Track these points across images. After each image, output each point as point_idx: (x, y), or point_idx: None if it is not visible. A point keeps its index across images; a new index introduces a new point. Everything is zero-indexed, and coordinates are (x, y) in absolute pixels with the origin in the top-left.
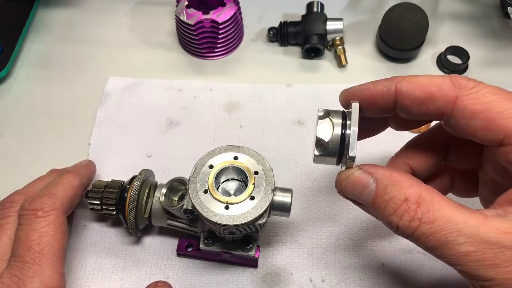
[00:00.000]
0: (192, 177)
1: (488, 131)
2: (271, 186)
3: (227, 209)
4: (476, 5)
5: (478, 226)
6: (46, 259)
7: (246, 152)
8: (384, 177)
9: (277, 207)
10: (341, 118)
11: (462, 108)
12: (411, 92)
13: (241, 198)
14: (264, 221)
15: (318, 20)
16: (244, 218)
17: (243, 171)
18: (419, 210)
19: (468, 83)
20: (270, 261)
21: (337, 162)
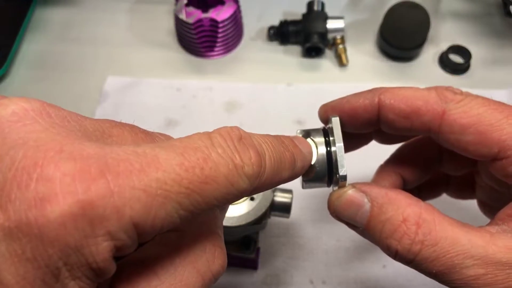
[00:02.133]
0: None
1: (480, 145)
2: None
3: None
4: (478, 4)
5: (485, 245)
6: None
7: None
8: (379, 196)
9: (278, 208)
10: (322, 136)
11: (451, 123)
12: (395, 105)
13: (241, 199)
14: (264, 222)
15: (319, 18)
16: (243, 219)
17: None
18: (420, 232)
19: (455, 96)
20: (270, 263)
21: (327, 183)
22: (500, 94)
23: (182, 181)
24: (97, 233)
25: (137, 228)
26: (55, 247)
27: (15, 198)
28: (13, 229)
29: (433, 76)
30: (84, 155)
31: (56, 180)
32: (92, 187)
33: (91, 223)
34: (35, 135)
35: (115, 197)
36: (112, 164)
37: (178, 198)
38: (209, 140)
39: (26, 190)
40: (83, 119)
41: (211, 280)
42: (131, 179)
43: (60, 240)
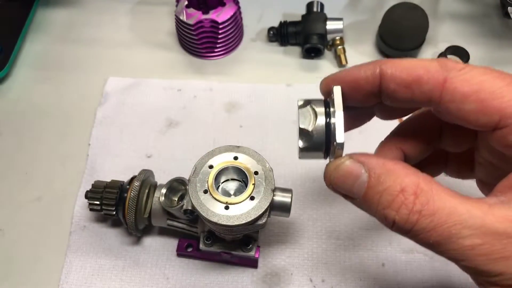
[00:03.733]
0: (192, 177)
1: (481, 114)
2: (271, 186)
3: (227, 209)
4: (476, 5)
5: (483, 216)
6: None
7: (246, 152)
8: (377, 166)
9: (277, 207)
10: (323, 106)
11: (452, 91)
12: (396, 75)
13: (241, 198)
14: (264, 221)
15: (318, 20)
16: (244, 218)
17: (243, 171)
18: (418, 202)
19: (456, 65)
20: (270, 261)
21: (324, 154)
22: None
23: None
24: None
25: None
26: None
27: None
28: None
29: None
30: None
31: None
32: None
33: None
34: None
35: None
36: None
37: None
38: None
39: None
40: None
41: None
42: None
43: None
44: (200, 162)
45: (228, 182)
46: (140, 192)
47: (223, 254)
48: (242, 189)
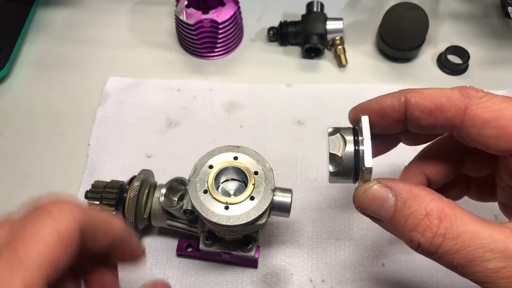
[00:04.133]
0: (192, 177)
1: (501, 139)
2: (271, 186)
3: (227, 209)
4: (476, 5)
5: (505, 240)
6: None
7: (246, 152)
8: (403, 191)
9: (277, 207)
10: (352, 134)
11: (473, 117)
12: (420, 103)
13: (241, 198)
14: (264, 222)
15: (318, 19)
16: (244, 218)
17: (243, 171)
18: (442, 225)
19: (477, 93)
20: (270, 262)
21: (353, 179)
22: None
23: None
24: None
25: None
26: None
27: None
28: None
29: (432, 77)
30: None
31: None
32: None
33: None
34: None
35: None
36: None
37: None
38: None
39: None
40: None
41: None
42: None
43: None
44: (200, 162)
45: (228, 182)
46: (140, 192)
47: (223, 254)
48: (242, 189)
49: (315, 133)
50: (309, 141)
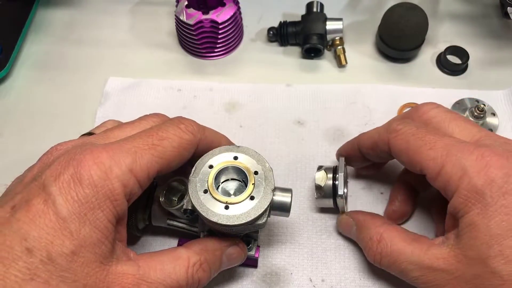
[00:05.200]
0: (192, 177)
1: (411, 165)
2: (271, 186)
3: (227, 209)
4: (476, 5)
5: (420, 255)
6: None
7: (246, 152)
8: (359, 221)
9: (277, 207)
10: (332, 172)
11: (392, 148)
12: (364, 144)
13: (240, 198)
14: (264, 221)
15: (318, 20)
16: (243, 218)
17: (243, 171)
18: (379, 247)
19: (396, 127)
20: (270, 261)
21: (333, 203)
22: (498, 95)
23: (148, 142)
24: (110, 177)
25: (132, 172)
26: (89, 188)
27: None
28: (69, 182)
29: (431, 77)
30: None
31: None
32: (100, 156)
33: (105, 172)
34: None
35: (113, 158)
36: (109, 146)
37: (149, 151)
38: (158, 119)
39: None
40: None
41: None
42: (119, 149)
43: (92, 184)
44: (200, 162)
45: (228, 182)
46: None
47: None
48: (242, 189)
49: (315, 133)
50: (309, 141)
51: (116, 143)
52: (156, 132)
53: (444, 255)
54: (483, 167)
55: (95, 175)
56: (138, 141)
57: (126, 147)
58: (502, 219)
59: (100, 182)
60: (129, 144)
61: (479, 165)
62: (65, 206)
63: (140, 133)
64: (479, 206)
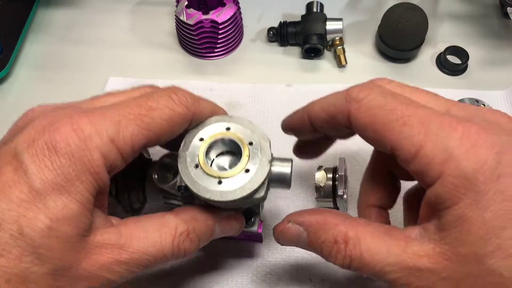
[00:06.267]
0: (182, 152)
1: (377, 142)
2: (267, 157)
3: (220, 184)
4: (475, 5)
5: (399, 253)
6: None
7: (239, 122)
8: (312, 225)
9: (276, 179)
10: (332, 171)
11: (354, 122)
12: (316, 116)
13: (234, 171)
14: (263, 195)
15: (318, 20)
16: (239, 193)
17: (237, 143)
18: (347, 249)
19: (358, 95)
20: (270, 261)
21: (333, 203)
22: (497, 95)
23: (135, 111)
24: (89, 147)
25: (114, 143)
26: (65, 158)
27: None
28: (44, 149)
29: (431, 77)
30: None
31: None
32: (79, 122)
33: (84, 141)
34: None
35: (94, 125)
36: (90, 112)
37: (135, 121)
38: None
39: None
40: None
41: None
42: (101, 116)
43: (68, 153)
44: (190, 134)
45: (221, 156)
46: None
47: None
48: (237, 163)
49: None
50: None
51: (99, 109)
52: (145, 101)
53: (428, 252)
54: (471, 147)
55: (72, 144)
56: (125, 109)
57: (110, 115)
58: (499, 208)
59: (78, 151)
60: (114, 112)
61: (466, 145)
62: (38, 176)
63: (127, 100)
64: (471, 196)
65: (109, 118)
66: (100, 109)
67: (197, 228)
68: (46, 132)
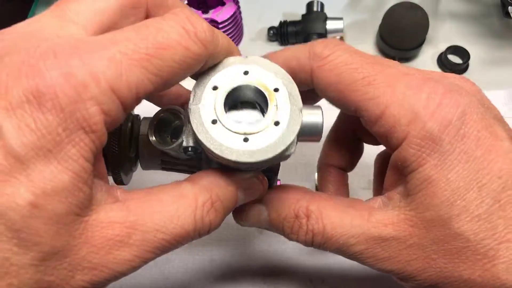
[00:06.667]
0: (193, 105)
1: (341, 102)
2: (298, 105)
3: (247, 142)
4: (476, 5)
5: (362, 224)
6: None
7: (259, 63)
8: (271, 202)
9: (307, 131)
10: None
11: (317, 80)
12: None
13: (263, 125)
14: (293, 150)
15: (318, 19)
16: (271, 151)
17: (260, 91)
18: (309, 223)
19: (322, 52)
20: (270, 262)
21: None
22: (499, 95)
23: (140, 50)
24: (83, 97)
25: (115, 92)
26: (52, 114)
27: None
28: (22, 102)
29: None
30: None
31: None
32: (69, 63)
33: (76, 90)
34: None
35: (88, 67)
36: (81, 47)
37: (141, 63)
38: (161, 17)
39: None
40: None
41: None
42: (97, 54)
43: (56, 107)
44: (200, 83)
45: (238, 109)
46: (122, 127)
47: None
48: (258, 115)
49: None
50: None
51: (92, 43)
52: (154, 34)
53: (392, 220)
54: (436, 107)
55: (61, 93)
56: (127, 45)
57: (107, 53)
58: (463, 168)
59: (69, 104)
60: (113, 48)
61: (432, 105)
62: (17, 138)
63: (129, 29)
64: (436, 157)
65: (108, 57)
66: (94, 43)
67: (220, 195)
68: (24, 77)
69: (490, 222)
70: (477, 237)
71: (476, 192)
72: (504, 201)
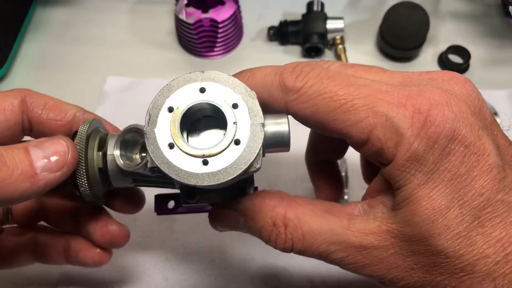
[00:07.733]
0: (148, 129)
1: (323, 131)
2: (258, 120)
3: (207, 165)
4: (477, 4)
5: (343, 232)
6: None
7: (216, 79)
8: (247, 210)
9: (273, 143)
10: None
11: (294, 113)
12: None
13: (223, 145)
14: (259, 166)
15: (319, 19)
16: (232, 172)
17: (218, 108)
18: (288, 232)
19: (294, 85)
20: (270, 263)
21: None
22: (499, 94)
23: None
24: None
25: None
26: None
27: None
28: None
29: None
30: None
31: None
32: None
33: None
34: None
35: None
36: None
37: None
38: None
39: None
40: None
41: None
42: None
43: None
44: (155, 105)
45: (198, 126)
46: (89, 148)
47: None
48: (220, 134)
49: None
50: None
51: None
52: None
53: (373, 230)
54: (421, 126)
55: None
56: None
57: None
58: (446, 186)
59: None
60: None
61: (418, 124)
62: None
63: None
64: (419, 176)
65: None
66: None
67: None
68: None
69: (469, 239)
70: (456, 254)
71: (457, 210)
72: (483, 218)
